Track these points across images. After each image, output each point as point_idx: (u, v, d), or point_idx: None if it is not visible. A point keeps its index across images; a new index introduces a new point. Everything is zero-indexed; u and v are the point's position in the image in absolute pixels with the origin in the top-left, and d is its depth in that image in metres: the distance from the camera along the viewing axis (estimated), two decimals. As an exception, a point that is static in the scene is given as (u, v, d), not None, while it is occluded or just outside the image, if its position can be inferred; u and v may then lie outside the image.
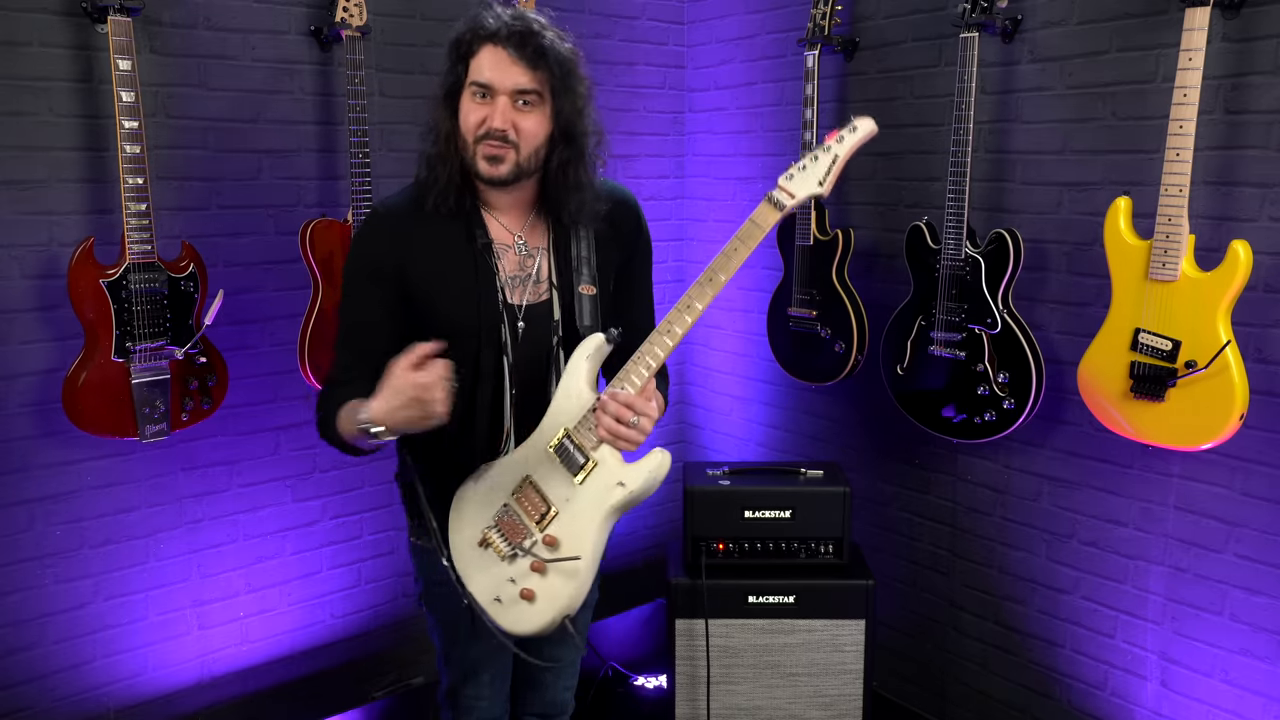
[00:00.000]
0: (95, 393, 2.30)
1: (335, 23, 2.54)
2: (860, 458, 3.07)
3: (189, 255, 2.41)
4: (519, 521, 1.73)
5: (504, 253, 1.77)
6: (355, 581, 3.02)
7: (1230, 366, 2.05)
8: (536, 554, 1.70)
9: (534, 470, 1.73)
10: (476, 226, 1.76)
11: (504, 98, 1.65)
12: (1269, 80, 2.11)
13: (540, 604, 1.69)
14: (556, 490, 1.71)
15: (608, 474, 1.68)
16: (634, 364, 1.67)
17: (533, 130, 1.68)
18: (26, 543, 2.47)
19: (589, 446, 1.69)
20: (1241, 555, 2.26)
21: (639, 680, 3.13)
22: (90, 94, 2.39)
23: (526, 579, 1.70)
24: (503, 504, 1.75)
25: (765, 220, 1.69)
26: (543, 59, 1.64)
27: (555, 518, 1.70)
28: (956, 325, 2.50)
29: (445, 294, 1.74)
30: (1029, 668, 2.70)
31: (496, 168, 1.68)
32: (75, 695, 2.58)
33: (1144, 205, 2.17)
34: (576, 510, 1.69)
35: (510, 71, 1.64)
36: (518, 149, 1.67)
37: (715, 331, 3.53)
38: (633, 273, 1.90)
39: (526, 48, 1.63)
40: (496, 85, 1.64)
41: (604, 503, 1.68)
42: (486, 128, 1.65)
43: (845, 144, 1.66)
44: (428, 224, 1.74)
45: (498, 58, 1.64)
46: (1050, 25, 2.45)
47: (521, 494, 1.74)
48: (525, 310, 1.77)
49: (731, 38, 3.33)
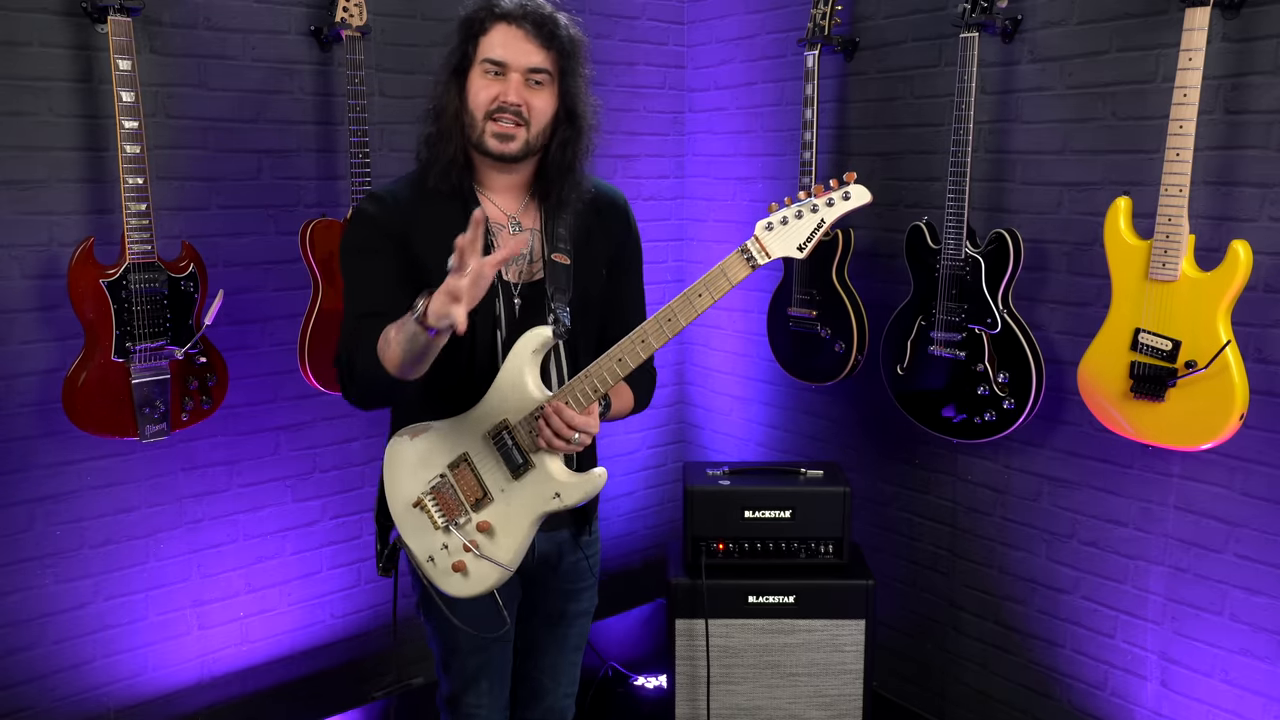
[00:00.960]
0: (95, 393, 2.30)
1: (335, 23, 2.54)
2: (860, 458, 3.07)
3: (189, 255, 2.41)
4: (455, 498, 1.77)
5: (499, 232, 1.79)
6: (355, 581, 3.02)
7: (1230, 366, 2.05)
8: (469, 534, 1.76)
9: (472, 451, 1.76)
10: (473, 205, 1.76)
11: (517, 75, 1.68)
12: (1269, 80, 2.11)
13: (471, 579, 1.77)
14: (493, 478, 1.75)
15: (546, 480, 1.73)
16: (582, 380, 1.69)
17: (543, 108, 1.71)
18: (26, 543, 2.47)
19: (527, 448, 1.73)
20: (1241, 555, 2.26)
21: (639, 680, 3.13)
22: (90, 94, 2.39)
23: (458, 552, 1.76)
24: (439, 474, 1.77)
25: (735, 274, 1.64)
26: (555, 39, 1.68)
27: (490, 504, 1.75)
28: (956, 325, 2.50)
29: (443, 270, 1.70)
30: (1029, 668, 2.70)
31: (507, 144, 1.71)
32: (75, 695, 2.58)
33: (1144, 205, 2.17)
34: (511, 502, 1.75)
35: (525, 49, 1.67)
36: (528, 126, 1.71)
37: (715, 331, 3.53)
38: (622, 270, 1.91)
39: (542, 27, 1.67)
40: (510, 62, 1.67)
41: (537, 507, 1.74)
42: (500, 102, 1.68)
43: (834, 210, 1.62)
44: (428, 203, 1.77)
45: (512, 35, 1.67)
46: (1050, 25, 2.45)
47: (459, 472, 1.76)
48: (521, 288, 1.79)
49: (731, 38, 3.33)
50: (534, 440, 1.70)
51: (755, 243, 1.64)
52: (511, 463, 1.73)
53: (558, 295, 1.77)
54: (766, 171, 3.27)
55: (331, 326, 2.61)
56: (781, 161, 3.20)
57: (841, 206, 1.61)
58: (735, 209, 3.41)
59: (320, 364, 2.62)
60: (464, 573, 1.76)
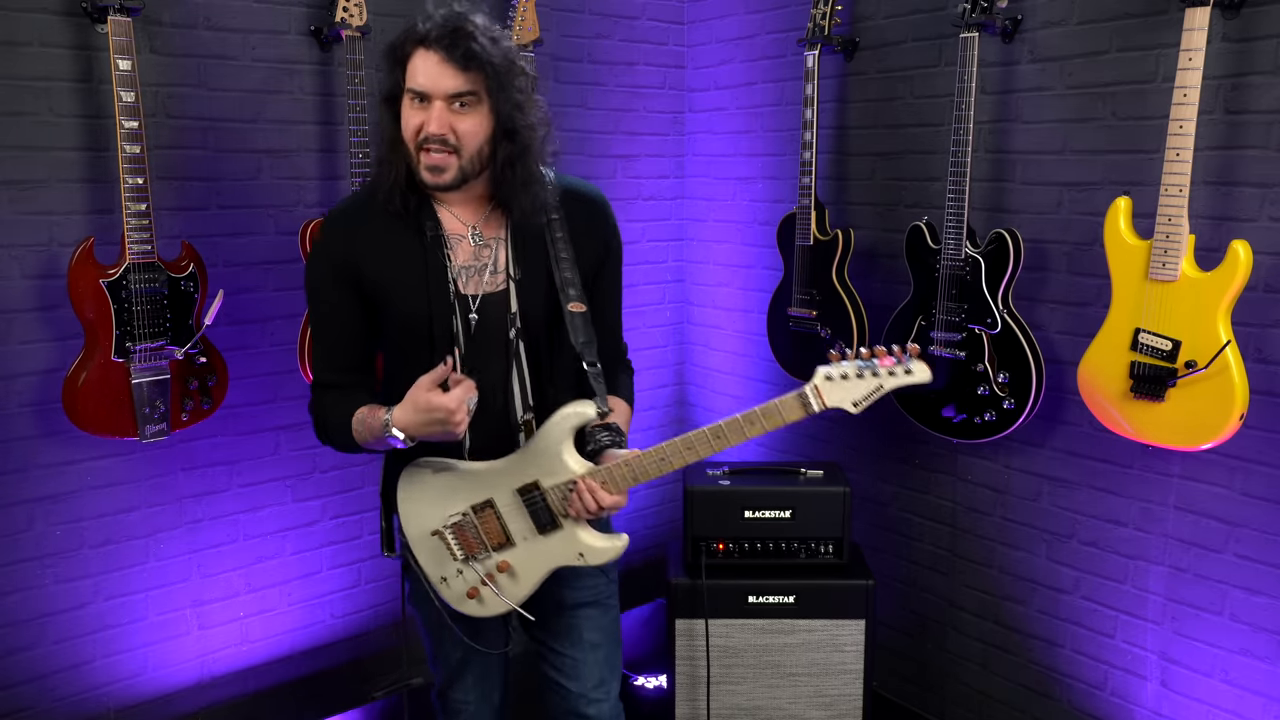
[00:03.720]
0: (95, 393, 2.30)
1: (335, 23, 2.54)
2: (860, 458, 3.07)
3: (189, 255, 2.41)
4: (476, 538, 1.81)
5: (457, 243, 1.77)
6: (355, 581, 3.02)
7: (1230, 366, 2.05)
8: (487, 569, 1.81)
9: (499, 498, 1.79)
10: (427, 219, 1.76)
11: (439, 102, 1.64)
12: (1269, 80, 2.11)
13: (485, 604, 1.83)
14: (517, 527, 1.80)
15: (571, 540, 1.78)
16: (623, 467, 1.73)
17: (472, 130, 1.66)
18: (26, 543, 2.47)
19: (557, 511, 1.77)
20: (1241, 555, 2.26)
21: (639, 680, 3.13)
22: (90, 94, 2.39)
23: (474, 581, 1.82)
24: (461, 513, 1.80)
25: (789, 415, 1.71)
26: (474, 59, 1.62)
27: (511, 549, 1.80)
28: (956, 325, 2.50)
29: (398, 288, 1.75)
30: (1029, 668, 2.70)
31: (439, 176, 1.68)
32: (75, 695, 2.58)
33: (1144, 205, 2.17)
34: (532, 551, 1.80)
35: (442, 75, 1.62)
36: (459, 152, 1.66)
37: (715, 331, 3.53)
38: (604, 275, 1.89)
39: (456, 50, 1.62)
40: (430, 90, 1.63)
41: (557, 560, 1.80)
42: (425, 133, 1.64)
43: (895, 381, 1.66)
44: (379, 222, 1.76)
45: (429, 62, 1.63)
46: (1050, 25, 2.45)
47: (484, 516, 1.80)
48: (480, 300, 1.77)
49: (731, 38, 3.33)
50: (564, 506, 1.76)
51: (814, 391, 1.69)
52: (539, 520, 1.79)
53: (580, 348, 1.79)
54: (766, 171, 3.27)
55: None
56: (781, 161, 3.20)
57: (903, 379, 1.66)
58: (735, 209, 3.41)
59: (320, 364, 2.62)
60: (478, 599, 1.83)
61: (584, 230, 1.82)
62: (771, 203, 3.26)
